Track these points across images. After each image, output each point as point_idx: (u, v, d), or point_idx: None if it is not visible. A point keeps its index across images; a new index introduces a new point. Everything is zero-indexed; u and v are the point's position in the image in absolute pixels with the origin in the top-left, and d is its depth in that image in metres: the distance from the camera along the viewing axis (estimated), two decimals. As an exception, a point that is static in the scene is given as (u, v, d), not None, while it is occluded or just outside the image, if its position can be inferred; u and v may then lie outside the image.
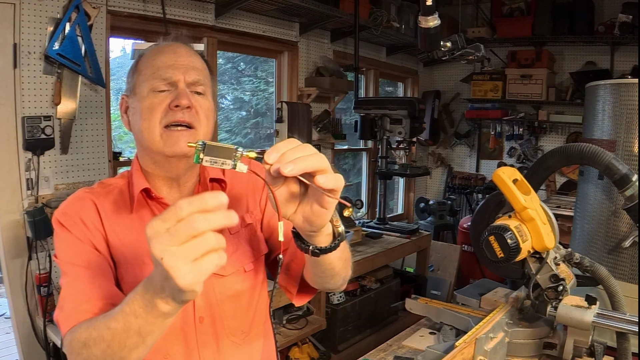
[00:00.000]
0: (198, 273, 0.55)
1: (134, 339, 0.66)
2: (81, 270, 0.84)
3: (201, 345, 0.92)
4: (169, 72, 0.89)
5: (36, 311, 2.23)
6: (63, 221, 0.88)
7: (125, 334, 0.66)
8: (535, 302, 1.24)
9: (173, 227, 0.54)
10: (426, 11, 1.52)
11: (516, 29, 4.44)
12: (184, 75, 0.90)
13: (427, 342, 1.45)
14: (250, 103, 4.86)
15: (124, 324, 0.66)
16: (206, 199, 0.55)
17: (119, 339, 0.67)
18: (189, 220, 0.54)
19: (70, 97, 2.28)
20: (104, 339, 0.69)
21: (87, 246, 0.87)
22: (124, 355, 0.69)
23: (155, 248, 0.55)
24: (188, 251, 0.54)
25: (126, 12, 2.51)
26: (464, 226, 4.26)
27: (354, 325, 2.88)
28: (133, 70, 0.95)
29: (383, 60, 4.64)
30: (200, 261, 0.55)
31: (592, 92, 1.84)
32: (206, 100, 0.93)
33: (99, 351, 0.70)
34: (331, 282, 0.89)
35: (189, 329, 0.91)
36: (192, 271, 0.55)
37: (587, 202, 1.80)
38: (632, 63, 4.15)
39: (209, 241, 0.55)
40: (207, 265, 0.55)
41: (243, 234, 1.00)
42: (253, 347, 1.00)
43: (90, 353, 0.71)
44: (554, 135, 4.67)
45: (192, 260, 0.54)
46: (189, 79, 0.90)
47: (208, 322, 0.92)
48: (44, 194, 2.22)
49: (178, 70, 0.90)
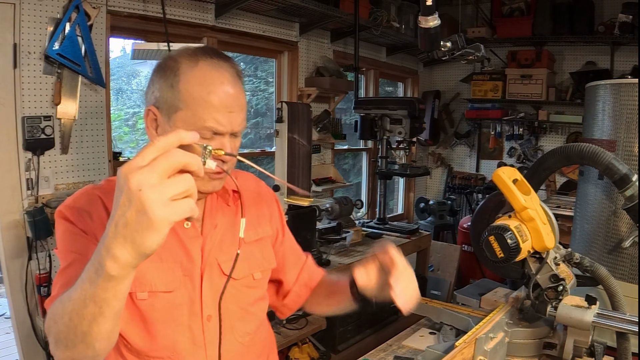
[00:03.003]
0: (173, 211, 0.55)
1: (90, 308, 0.63)
2: (78, 258, 0.82)
3: (208, 343, 0.93)
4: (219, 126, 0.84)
5: (36, 311, 2.23)
6: (68, 214, 0.87)
7: (83, 303, 0.63)
8: (535, 302, 1.24)
9: (151, 161, 0.55)
10: (426, 11, 1.52)
11: (516, 29, 4.43)
12: (231, 126, 0.85)
13: (427, 342, 1.45)
14: (250, 103, 4.86)
15: (80, 292, 0.64)
16: (181, 135, 0.58)
17: (77, 309, 0.64)
18: (169, 154, 0.56)
19: (70, 97, 2.28)
20: (65, 311, 0.66)
21: (90, 238, 0.85)
22: (85, 330, 0.65)
23: (134, 179, 0.54)
24: (167, 188, 0.55)
25: (126, 12, 2.51)
26: (464, 226, 4.26)
27: (354, 325, 2.88)
28: (171, 87, 0.85)
29: (383, 60, 4.64)
30: (177, 201, 0.56)
31: (592, 92, 1.84)
32: (240, 138, 0.91)
33: (63, 325, 0.67)
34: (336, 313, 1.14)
35: (196, 326, 0.92)
36: (168, 207, 0.55)
37: (587, 202, 1.80)
38: (632, 63, 4.15)
39: (187, 182, 0.57)
40: (183, 206, 0.56)
41: (255, 245, 1.04)
42: (256, 349, 1.03)
43: (57, 329, 0.69)
44: (554, 135, 4.67)
45: (170, 198, 0.55)
46: (235, 129, 0.87)
47: (216, 320, 0.93)
48: (44, 194, 2.22)
49: (226, 121, 0.84)
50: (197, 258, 0.92)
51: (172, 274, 0.89)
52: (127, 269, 0.60)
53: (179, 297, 0.90)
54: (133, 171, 0.55)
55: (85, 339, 0.66)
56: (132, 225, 0.56)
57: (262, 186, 1.13)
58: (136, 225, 0.56)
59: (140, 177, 0.54)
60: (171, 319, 0.90)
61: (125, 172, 0.56)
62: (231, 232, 0.98)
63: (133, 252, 0.58)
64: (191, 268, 0.91)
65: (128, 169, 0.56)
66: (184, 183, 0.56)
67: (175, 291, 0.89)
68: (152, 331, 0.89)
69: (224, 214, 0.99)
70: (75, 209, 0.87)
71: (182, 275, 0.90)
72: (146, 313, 0.88)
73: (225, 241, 0.97)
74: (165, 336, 0.89)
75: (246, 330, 0.99)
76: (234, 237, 0.98)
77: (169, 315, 0.89)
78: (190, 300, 0.91)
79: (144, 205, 0.54)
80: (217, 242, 0.95)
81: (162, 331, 0.89)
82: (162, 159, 0.56)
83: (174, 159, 0.56)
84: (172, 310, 0.89)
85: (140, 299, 0.87)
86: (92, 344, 0.67)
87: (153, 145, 0.56)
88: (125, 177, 0.55)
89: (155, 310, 0.88)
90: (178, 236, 0.91)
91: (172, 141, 0.57)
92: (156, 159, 0.56)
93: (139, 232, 0.56)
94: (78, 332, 0.66)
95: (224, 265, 0.95)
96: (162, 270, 0.89)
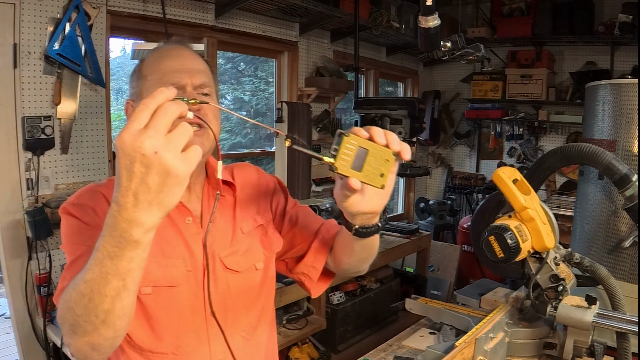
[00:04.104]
0: (190, 162, 0.59)
1: (113, 283, 0.63)
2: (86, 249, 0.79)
3: (212, 338, 0.93)
4: (177, 77, 0.90)
5: (36, 311, 2.23)
6: (72, 210, 0.88)
7: (104, 281, 0.63)
8: (535, 302, 1.24)
9: (151, 121, 0.57)
10: (426, 11, 1.52)
11: (516, 29, 4.43)
12: (191, 79, 0.91)
13: (427, 342, 1.45)
14: (250, 103, 4.86)
15: (99, 271, 0.63)
16: (165, 92, 0.60)
17: (98, 288, 0.63)
18: (164, 109, 0.58)
19: (70, 97, 2.28)
20: (83, 295, 0.65)
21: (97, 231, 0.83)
22: (107, 307, 0.64)
23: (146, 144, 0.56)
24: (176, 142, 0.58)
25: (126, 12, 2.51)
26: (464, 226, 4.26)
27: (354, 325, 2.88)
28: (137, 75, 0.95)
29: (383, 60, 4.64)
30: (189, 151, 0.60)
31: (592, 92, 1.84)
32: (212, 101, 0.94)
33: (82, 309, 0.65)
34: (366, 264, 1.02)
35: (200, 321, 0.92)
36: (185, 160, 0.59)
37: (587, 202, 1.80)
38: (632, 63, 4.15)
39: (187, 129, 0.60)
40: (195, 154, 0.60)
41: (255, 233, 1.03)
42: (259, 342, 1.03)
43: (74, 315, 0.67)
44: (554, 135, 4.67)
45: (181, 149, 0.58)
46: (196, 82, 0.92)
47: (220, 315, 0.93)
48: (44, 194, 2.22)
49: (185, 74, 0.91)
50: (199, 254, 0.93)
51: (175, 269, 0.90)
52: (152, 231, 0.62)
53: (183, 292, 0.90)
54: (137, 137, 0.56)
55: (107, 318, 0.66)
56: (156, 187, 0.58)
57: (262, 175, 1.13)
58: (161, 186, 0.58)
59: (150, 140, 0.56)
60: (175, 315, 0.90)
61: (129, 139, 0.56)
62: (230, 225, 0.99)
63: (160, 212, 0.60)
64: (194, 263, 0.92)
65: (129, 136, 0.56)
66: (186, 131, 0.59)
67: (179, 286, 0.90)
68: (155, 327, 0.89)
69: (222, 207, 1.00)
70: (79, 205, 0.89)
71: (186, 270, 0.91)
72: (150, 308, 0.88)
73: (226, 235, 0.98)
74: (169, 332, 0.89)
75: (250, 324, 1.00)
76: (234, 229, 0.99)
77: (173, 310, 0.89)
78: (193, 295, 0.91)
79: (165, 166, 0.56)
80: (217, 236, 0.96)
81: (166, 327, 0.89)
82: (160, 116, 0.58)
83: (171, 113, 0.58)
84: (175, 306, 0.90)
85: (144, 294, 0.87)
86: (114, 322, 0.66)
87: (144, 105, 0.58)
88: (132, 145, 0.56)
89: (159, 306, 0.88)
90: (180, 232, 0.92)
91: (159, 98, 0.59)
92: (155, 118, 0.57)
93: (164, 191, 0.58)
94: (99, 312, 0.65)
95: (226, 259, 0.96)
96: (166, 266, 0.89)
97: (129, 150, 0.56)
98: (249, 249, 1.00)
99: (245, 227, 1.01)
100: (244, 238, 1.00)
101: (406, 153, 0.73)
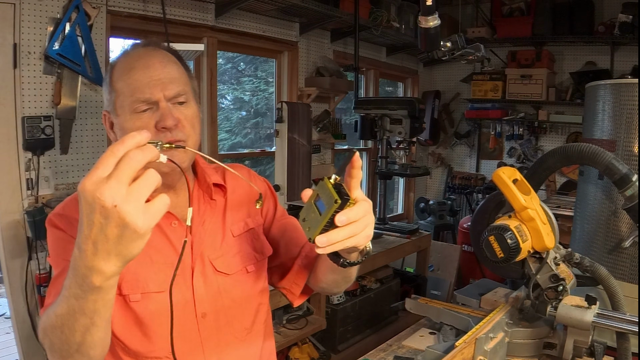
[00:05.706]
0: (152, 215, 0.56)
1: (81, 321, 0.64)
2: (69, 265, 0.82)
3: (205, 340, 0.93)
4: (147, 93, 0.86)
5: (36, 311, 2.23)
6: (57, 222, 0.88)
7: (72, 318, 0.64)
8: (535, 302, 1.24)
9: (115, 170, 0.54)
10: (426, 11, 1.52)
11: (516, 29, 4.44)
12: (164, 91, 0.87)
13: (427, 342, 1.45)
14: (250, 103, 4.86)
15: (67, 309, 0.64)
16: (136, 137, 0.56)
17: (67, 323, 0.65)
18: (129, 158, 0.54)
19: (70, 97, 2.28)
20: (55, 327, 0.67)
21: None
22: (78, 340, 0.66)
23: (106, 195, 0.53)
24: (138, 192, 0.54)
25: (126, 12, 2.51)
26: (464, 226, 4.26)
27: (354, 325, 2.88)
28: (109, 87, 0.91)
29: (383, 60, 4.64)
30: (153, 203, 0.56)
31: (592, 92, 1.84)
32: (189, 108, 0.92)
33: (56, 339, 0.68)
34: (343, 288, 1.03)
35: (191, 324, 0.92)
36: (147, 214, 0.55)
37: (587, 202, 1.80)
38: (632, 63, 4.15)
39: (153, 177, 0.56)
40: (159, 206, 0.56)
41: (245, 237, 1.02)
42: (254, 344, 1.03)
43: (50, 341, 0.70)
44: (554, 135, 4.67)
45: (144, 201, 0.55)
46: (169, 94, 0.88)
47: (211, 317, 0.93)
48: (44, 194, 2.22)
49: (156, 87, 0.86)
50: (187, 257, 0.92)
51: (163, 274, 0.89)
52: (114, 277, 0.60)
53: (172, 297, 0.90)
54: (98, 186, 0.53)
55: (80, 349, 0.67)
56: (114, 239, 0.55)
57: (253, 177, 1.12)
58: (119, 238, 0.55)
59: (110, 192, 0.53)
60: (166, 319, 0.89)
61: (91, 188, 0.54)
62: (220, 227, 0.99)
63: (119, 262, 0.58)
64: (181, 267, 0.91)
65: (91, 184, 0.54)
66: (151, 181, 0.56)
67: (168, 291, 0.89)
68: (147, 332, 0.89)
69: (212, 210, 0.99)
70: (64, 216, 0.88)
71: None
72: (141, 315, 0.88)
73: (215, 237, 0.97)
74: (161, 337, 0.89)
75: (244, 325, 0.99)
76: (224, 232, 0.99)
77: (164, 315, 0.89)
78: (183, 299, 0.91)
79: (124, 220, 0.53)
80: (207, 239, 0.96)
81: (157, 332, 0.89)
82: (124, 166, 0.54)
83: (136, 162, 0.54)
84: (166, 310, 0.89)
85: (134, 301, 0.87)
86: (87, 352, 0.68)
87: (111, 152, 0.55)
88: (93, 195, 0.53)
89: (150, 312, 0.88)
90: (166, 236, 0.92)
91: (128, 144, 0.55)
92: (118, 168, 0.54)
93: (123, 244, 0.56)
94: (72, 343, 0.67)
95: (216, 262, 0.95)
96: (154, 271, 0.89)
97: (90, 199, 0.54)
98: (239, 251, 0.99)
99: (235, 230, 1.01)
100: (234, 241, 0.99)
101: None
